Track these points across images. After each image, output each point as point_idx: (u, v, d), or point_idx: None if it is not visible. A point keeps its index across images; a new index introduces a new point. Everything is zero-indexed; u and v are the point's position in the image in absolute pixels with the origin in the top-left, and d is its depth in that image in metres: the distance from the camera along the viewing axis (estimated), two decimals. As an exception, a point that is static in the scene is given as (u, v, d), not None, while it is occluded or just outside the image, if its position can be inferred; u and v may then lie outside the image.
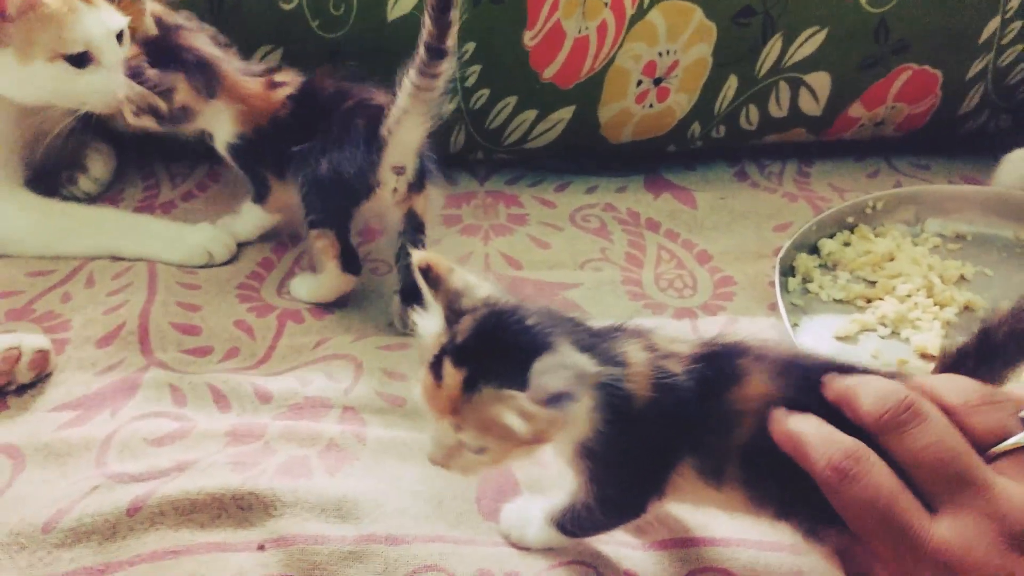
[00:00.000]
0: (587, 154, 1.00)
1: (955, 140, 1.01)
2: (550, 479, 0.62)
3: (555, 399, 0.44)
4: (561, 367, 0.45)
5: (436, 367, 0.48)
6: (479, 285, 0.51)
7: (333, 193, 0.73)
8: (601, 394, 0.47)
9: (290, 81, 0.78)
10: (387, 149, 0.71)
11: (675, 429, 0.49)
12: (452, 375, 0.47)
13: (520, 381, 0.45)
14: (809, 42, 0.89)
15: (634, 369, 0.49)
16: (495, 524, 0.60)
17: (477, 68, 0.90)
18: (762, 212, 0.93)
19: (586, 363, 0.46)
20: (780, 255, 0.80)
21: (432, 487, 0.61)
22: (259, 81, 0.78)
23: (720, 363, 0.49)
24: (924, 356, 0.74)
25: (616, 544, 0.59)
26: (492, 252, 0.88)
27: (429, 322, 0.50)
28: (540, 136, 0.94)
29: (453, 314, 0.50)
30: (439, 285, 0.51)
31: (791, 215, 0.92)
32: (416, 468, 0.63)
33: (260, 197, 0.81)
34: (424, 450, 0.61)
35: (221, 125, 0.78)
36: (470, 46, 0.88)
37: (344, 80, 0.76)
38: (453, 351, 0.48)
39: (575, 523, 0.55)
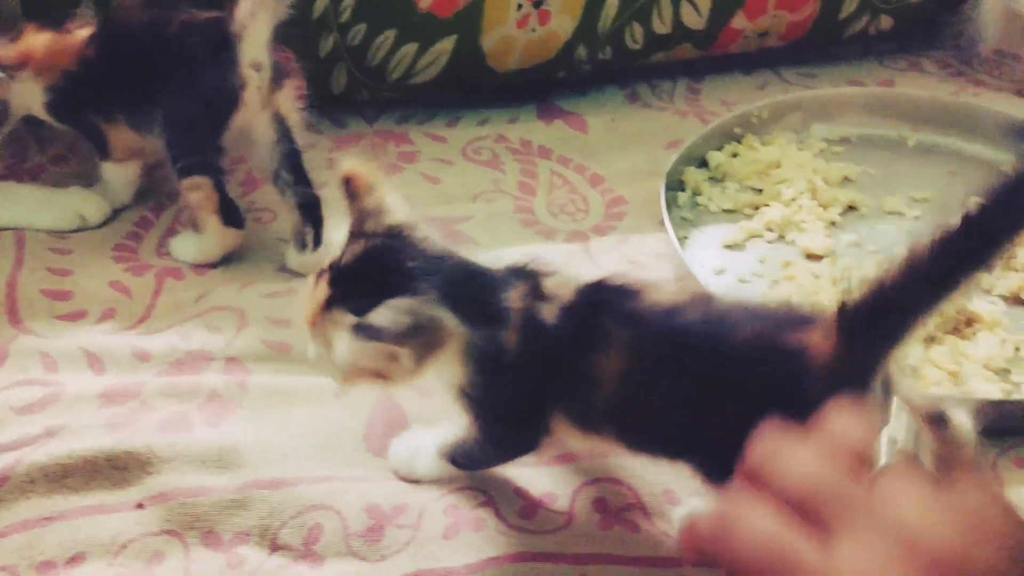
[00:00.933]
0: (477, 86, 0.98)
1: (839, 46, 1.01)
2: (439, 412, 0.61)
3: (371, 332, 0.45)
4: (405, 312, 0.45)
5: (318, 278, 0.50)
6: (394, 210, 0.52)
7: (198, 121, 0.70)
8: (469, 344, 0.47)
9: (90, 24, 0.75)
10: (242, 46, 0.69)
11: (543, 379, 0.48)
12: (321, 290, 0.49)
13: (362, 313, 0.45)
14: (686, -47, 0.88)
15: (510, 318, 0.48)
16: (385, 460, 0.59)
17: (352, 1, 0.87)
18: (653, 131, 0.92)
19: (439, 314, 0.46)
20: (667, 170, 0.80)
21: (319, 429, 0.60)
22: (46, 35, 0.74)
23: (589, 318, 0.47)
24: (809, 256, 0.75)
25: (516, 465, 0.59)
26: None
27: (336, 233, 0.51)
28: (424, 70, 0.92)
29: (355, 233, 0.51)
30: (355, 200, 0.51)
31: (681, 132, 0.91)
32: (302, 412, 0.62)
33: (102, 150, 0.78)
34: (311, 393, 0.61)
35: (32, 94, 0.74)
36: (342, -21, 0.85)
37: (152, 7, 0.73)
38: (333, 270, 0.50)
39: (467, 457, 0.55)
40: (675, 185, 0.82)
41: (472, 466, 0.56)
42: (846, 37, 0.99)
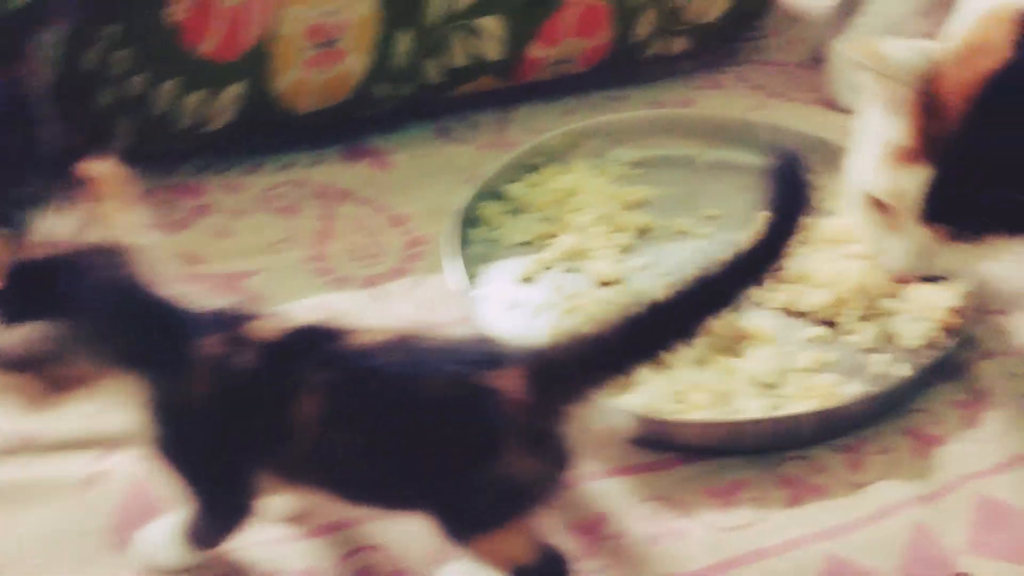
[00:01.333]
0: (277, 130, 0.95)
1: (643, 67, 1.02)
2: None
3: None
4: (31, 337, 0.42)
5: None
6: (121, 229, 0.49)
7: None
8: (148, 391, 0.43)
9: None
10: None
11: (240, 430, 0.45)
12: None
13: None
14: (472, -14, 0.88)
15: (199, 365, 0.45)
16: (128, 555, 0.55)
17: (127, 52, 0.83)
18: (457, 166, 0.91)
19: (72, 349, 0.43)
20: (460, 207, 0.78)
21: (53, 529, 0.55)
22: None
23: (287, 363, 0.45)
24: (602, 283, 0.74)
25: (273, 542, 0.55)
26: (168, 251, 0.82)
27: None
28: (216, 118, 0.88)
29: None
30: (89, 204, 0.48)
31: (485, 165, 0.89)
32: (40, 511, 0.57)
33: None
34: (54, 488, 0.56)
35: None
36: (116, 28, 0.81)
37: None
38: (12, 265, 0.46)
39: (196, 533, 0.51)
40: (475, 221, 0.81)
41: (205, 542, 0.52)
42: (646, 59, 1.00)
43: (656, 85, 1.02)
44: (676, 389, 0.60)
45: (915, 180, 0.60)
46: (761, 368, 0.62)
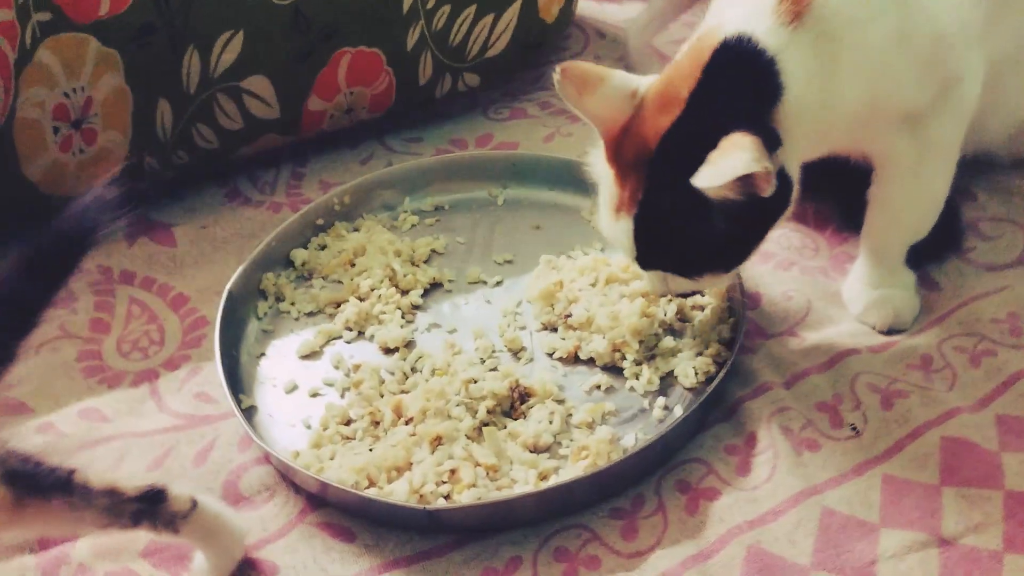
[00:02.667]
0: (46, 215, 0.88)
1: (438, 106, 1.00)
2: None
3: None
4: None
5: None
6: None
7: None
8: None
9: None
10: None
11: None
12: None
13: None
14: (229, 48, 0.82)
15: None
16: None
17: None
18: (245, 232, 0.85)
19: None
20: (230, 284, 0.74)
21: None
22: None
23: None
24: (387, 351, 0.71)
25: None
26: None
27: None
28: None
29: None
30: None
31: (275, 228, 0.86)
32: None
33: None
34: None
35: None
36: None
37: None
38: None
39: None
40: (259, 293, 0.77)
41: None
42: (440, 98, 0.97)
43: (455, 120, 0.99)
44: (446, 468, 0.57)
45: (623, 230, 0.60)
46: (539, 429, 0.60)
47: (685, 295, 0.66)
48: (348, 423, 0.63)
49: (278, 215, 0.88)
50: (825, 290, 0.71)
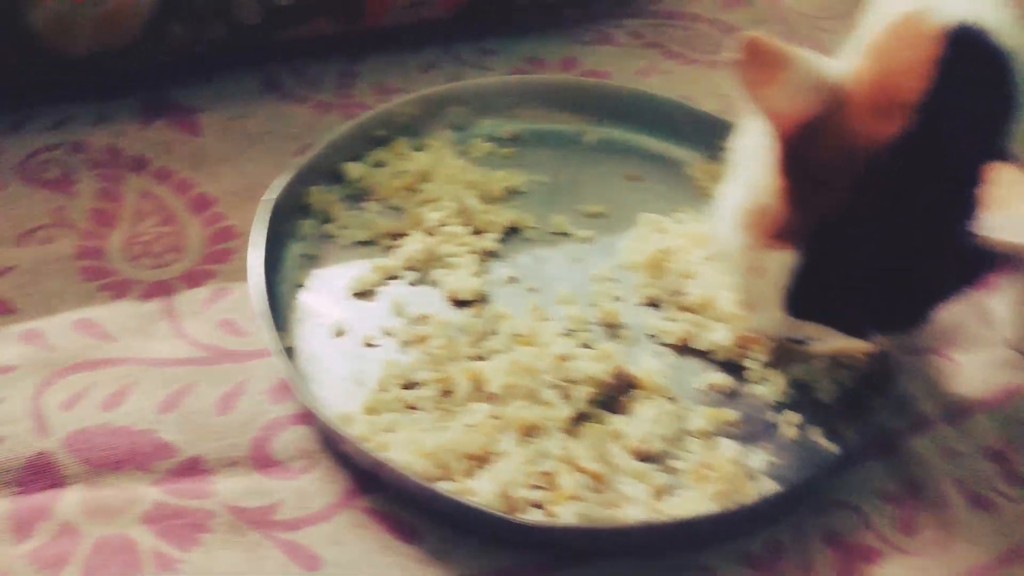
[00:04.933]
0: (49, 77, 0.74)
1: (516, 16, 0.86)
2: None
3: None
4: None
5: None
6: None
7: None
8: None
9: None
10: None
11: None
12: None
13: None
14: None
15: None
16: None
17: None
18: (284, 132, 0.72)
19: None
20: (276, 192, 0.61)
21: None
22: None
23: None
24: (457, 303, 0.59)
25: None
26: None
27: None
28: (-46, 57, 0.67)
29: None
30: None
31: (322, 132, 0.73)
32: None
33: None
34: None
35: None
36: None
37: None
38: None
39: None
40: (299, 209, 0.64)
41: None
42: (520, 5, 0.84)
43: (533, 38, 0.86)
44: (540, 468, 0.47)
45: (776, 263, 0.46)
46: (648, 432, 0.49)
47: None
48: (410, 386, 0.52)
49: (325, 117, 0.74)
50: (975, 306, 0.60)
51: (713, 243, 0.56)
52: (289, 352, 0.53)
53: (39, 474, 0.47)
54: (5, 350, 0.54)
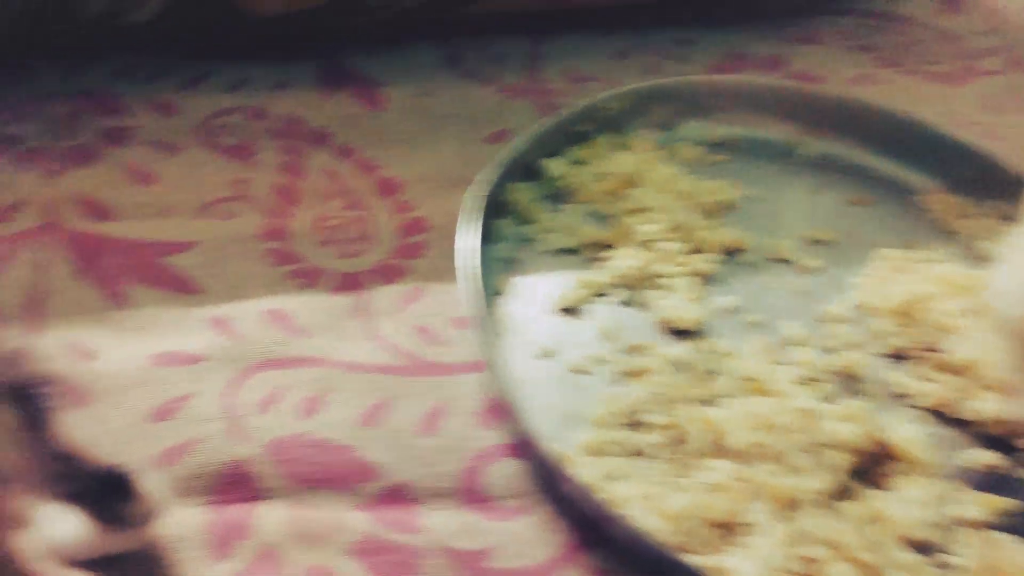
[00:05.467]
0: (232, 34, 0.69)
1: (723, 4, 0.79)
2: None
3: None
4: None
5: None
6: None
7: None
8: None
9: None
10: None
11: None
12: None
13: None
14: None
15: None
16: None
17: None
18: (472, 114, 0.67)
19: None
20: (485, 188, 0.56)
21: None
22: None
23: None
24: (672, 331, 0.54)
25: None
26: (63, 195, 0.58)
27: None
28: (137, 6, 0.63)
29: None
30: None
31: (511, 117, 0.66)
32: None
33: None
34: None
35: None
36: None
37: None
38: None
39: None
40: (495, 206, 0.59)
41: None
42: (726, -4, 0.77)
43: (735, 30, 0.79)
44: (799, 551, 0.41)
45: None
46: (918, 517, 0.43)
47: None
48: (633, 426, 0.47)
49: (515, 102, 0.69)
50: None
51: (982, 304, 0.49)
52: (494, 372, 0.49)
53: (236, 484, 0.44)
54: (195, 337, 0.50)
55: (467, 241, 0.52)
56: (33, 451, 0.33)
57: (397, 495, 0.44)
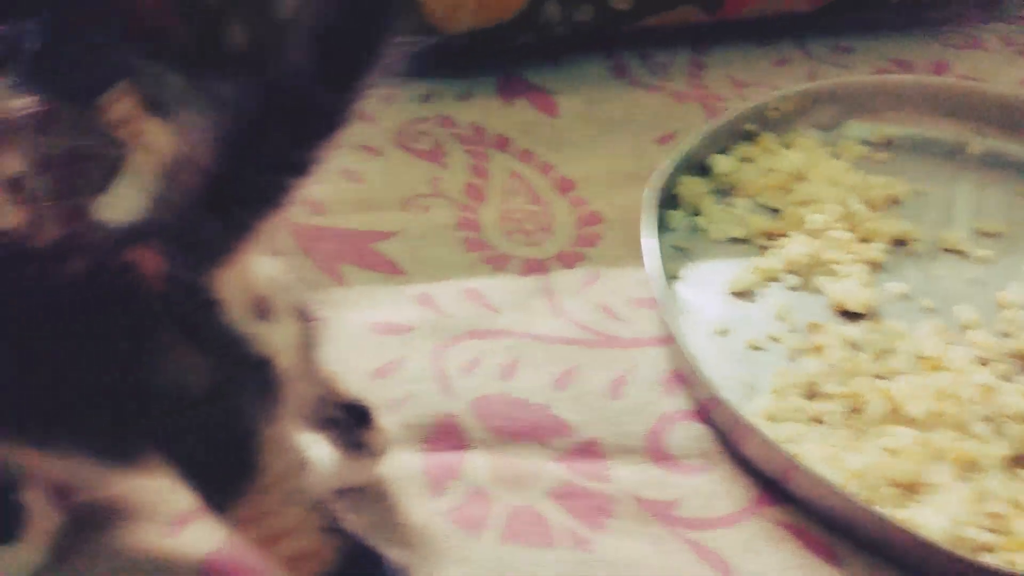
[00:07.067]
0: (420, 50, 0.77)
1: (882, 11, 0.81)
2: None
3: None
4: None
5: None
6: None
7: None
8: None
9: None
10: None
11: None
12: None
13: None
14: None
15: None
16: None
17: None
18: (642, 119, 0.72)
19: None
20: (657, 181, 0.61)
21: None
22: None
23: None
24: (844, 313, 0.56)
25: None
26: (285, 192, 0.66)
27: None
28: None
29: None
30: None
31: (678, 121, 0.71)
32: None
33: None
34: None
35: None
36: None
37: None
38: None
39: None
40: (666, 200, 0.63)
41: None
42: (887, 2, 0.78)
43: (894, 38, 0.81)
44: (987, 508, 0.43)
45: None
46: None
47: None
48: (810, 397, 0.50)
49: (681, 105, 0.73)
50: None
51: None
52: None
53: (447, 434, 0.49)
54: (403, 310, 0.57)
55: (648, 230, 0.56)
56: (303, 373, 0.40)
57: (588, 450, 0.49)
